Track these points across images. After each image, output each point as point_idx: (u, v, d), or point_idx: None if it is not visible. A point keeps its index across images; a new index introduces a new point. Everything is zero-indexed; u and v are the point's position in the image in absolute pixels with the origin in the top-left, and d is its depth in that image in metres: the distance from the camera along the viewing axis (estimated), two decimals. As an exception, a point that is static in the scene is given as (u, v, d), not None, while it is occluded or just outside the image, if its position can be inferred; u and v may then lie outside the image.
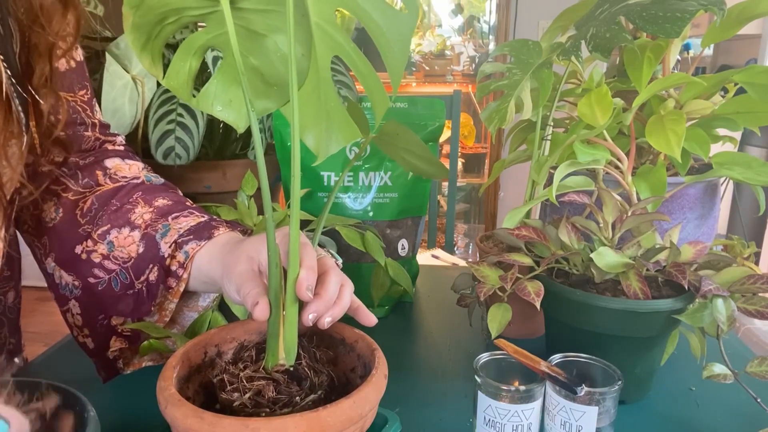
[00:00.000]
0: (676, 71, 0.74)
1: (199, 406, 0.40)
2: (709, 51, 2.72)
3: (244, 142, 0.95)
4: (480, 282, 0.63)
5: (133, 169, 0.66)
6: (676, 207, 0.72)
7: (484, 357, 0.53)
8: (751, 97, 0.65)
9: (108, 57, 0.82)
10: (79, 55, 0.65)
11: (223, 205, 0.78)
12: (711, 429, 0.59)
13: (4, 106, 0.49)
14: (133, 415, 0.60)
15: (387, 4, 0.42)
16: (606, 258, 0.59)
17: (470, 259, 2.46)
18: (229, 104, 0.48)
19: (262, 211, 0.80)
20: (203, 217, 0.63)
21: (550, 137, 0.79)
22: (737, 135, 0.78)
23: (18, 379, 0.39)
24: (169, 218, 0.61)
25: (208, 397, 0.48)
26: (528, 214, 0.71)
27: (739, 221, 2.36)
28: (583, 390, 0.48)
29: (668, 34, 0.57)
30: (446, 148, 2.83)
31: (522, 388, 0.49)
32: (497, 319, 0.61)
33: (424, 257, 1.45)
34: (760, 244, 2.34)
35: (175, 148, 0.87)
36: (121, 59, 0.84)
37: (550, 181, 0.66)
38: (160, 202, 0.63)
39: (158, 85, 0.86)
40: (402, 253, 0.88)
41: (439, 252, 1.51)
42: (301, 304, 0.46)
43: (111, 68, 0.82)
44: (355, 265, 0.83)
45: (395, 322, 0.84)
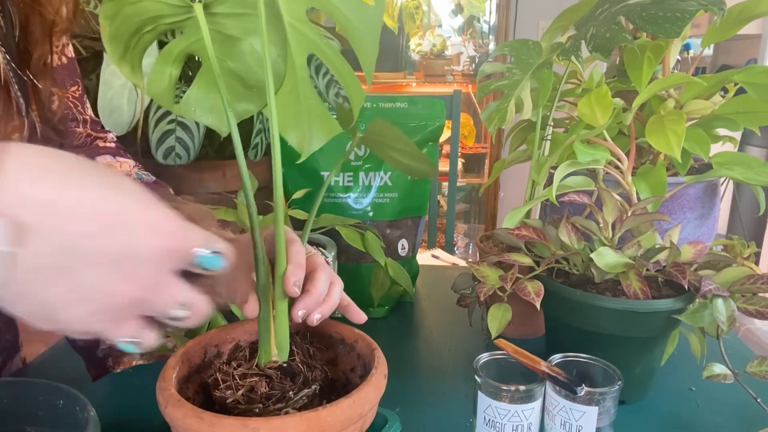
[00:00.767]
0: (676, 71, 0.74)
1: (198, 406, 0.40)
2: (709, 51, 2.72)
3: (244, 142, 0.95)
4: (480, 282, 0.63)
5: (124, 167, 0.66)
6: (676, 207, 0.72)
7: (484, 357, 0.53)
8: (751, 97, 0.65)
9: (105, 57, 0.82)
10: (70, 52, 0.65)
11: (220, 207, 0.78)
12: (711, 429, 0.59)
13: (2, 91, 0.49)
14: (133, 414, 0.60)
15: (356, 0, 0.44)
16: (606, 258, 0.59)
17: (470, 259, 2.46)
18: (211, 109, 0.49)
19: (262, 211, 0.80)
20: None
21: (550, 137, 0.79)
22: (737, 135, 0.78)
23: (18, 380, 0.39)
24: None
25: (208, 398, 0.48)
26: (528, 214, 0.71)
27: (739, 221, 2.37)
28: (583, 390, 0.48)
29: (668, 34, 0.58)
30: (446, 148, 2.83)
31: (522, 388, 0.49)
32: (497, 319, 0.61)
33: (424, 257, 1.45)
34: (760, 244, 2.34)
35: (176, 147, 0.87)
36: (121, 59, 0.84)
37: (550, 181, 0.66)
38: None
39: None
40: (402, 253, 0.88)
41: (439, 252, 1.51)
42: (292, 301, 0.46)
43: (109, 68, 0.82)
44: (355, 265, 0.83)
45: (395, 322, 0.84)
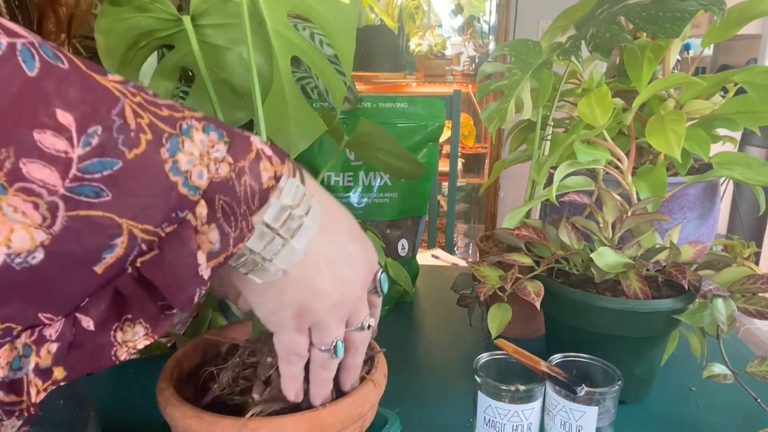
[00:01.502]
0: (676, 71, 0.74)
1: (198, 406, 0.40)
2: (709, 51, 2.72)
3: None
4: (480, 282, 0.63)
5: None
6: (676, 207, 0.72)
7: (484, 357, 0.53)
8: (751, 97, 0.65)
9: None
10: (68, 51, 0.65)
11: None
12: (711, 429, 0.59)
13: None
14: (133, 414, 0.60)
15: None
16: (606, 258, 0.59)
17: (470, 259, 2.46)
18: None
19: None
20: None
21: (550, 137, 0.79)
22: (737, 135, 0.78)
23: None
24: None
25: (208, 397, 0.48)
26: (528, 214, 0.71)
27: (739, 221, 2.37)
28: (583, 390, 0.48)
29: (668, 34, 0.58)
30: (446, 148, 2.83)
31: (522, 388, 0.49)
32: (497, 319, 0.61)
33: (424, 257, 1.45)
34: (760, 244, 2.34)
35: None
36: (121, 59, 0.84)
37: (550, 181, 0.66)
38: None
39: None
40: (402, 253, 0.88)
41: (439, 252, 1.51)
42: None
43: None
44: (355, 265, 0.83)
45: (395, 322, 0.84)
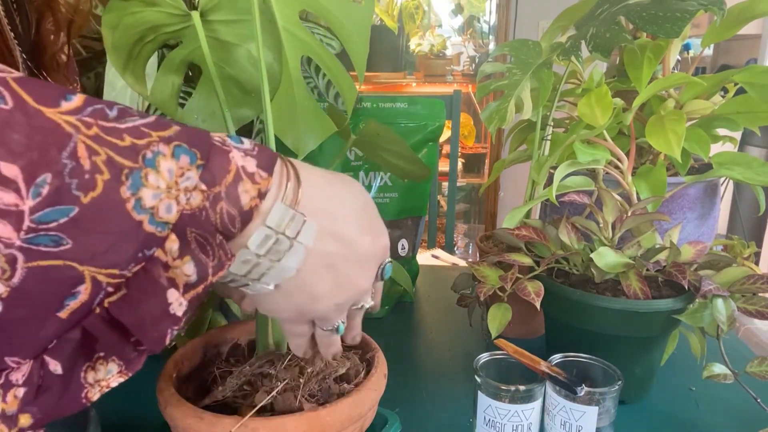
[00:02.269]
0: (676, 71, 0.74)
1: (198, 406, 0.40)
2: (709, 51, 2.72)
3: (244, 142, 0.95)
4: (480, 282, 0.63)
5: None
6: (676, 207, 0.72)
7: (484, 357, 0.53)
8: (751, 97, 0.65)
9: (109, 57, 0.82)
10: (69, 50, 0.65)
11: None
12: (711, 429, 0.59)
13: None
14: (133, 414, 0.60)
15: (345, 0, 0.44)
16: (606, 258, 0.59)
17: (470, 259, 2.46)
18: (212, 115, 0.50)
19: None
20: None
21: (550, 137, 0.79)
22: (737, 135, 0.78)
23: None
24: None
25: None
26: (528, 214, 0.71)
27: (739, 221, 2.36)
28: (583, 390, 0.48)
29: (668, 34, 0.57)
30: (446, 148, 2.83)
31: (522, 388, 0.49)
32: (497, 319, 0.61)
33: (424, 257, 1.45)
34: (760, 244, 2.34)
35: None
36: (121, 59, 0.84)
37: (550, 181, 0.66)
38: None
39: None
40: (402, 253, 0.88)
41: (439, 252, 1.51)
42: None
43: (113, 69, 0.82)
44: (355, 265, 0.83)
45: (395, 322, 0.84)
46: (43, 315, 0.26)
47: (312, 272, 0.35)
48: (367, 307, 0.41)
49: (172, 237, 0.28)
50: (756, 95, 0.64)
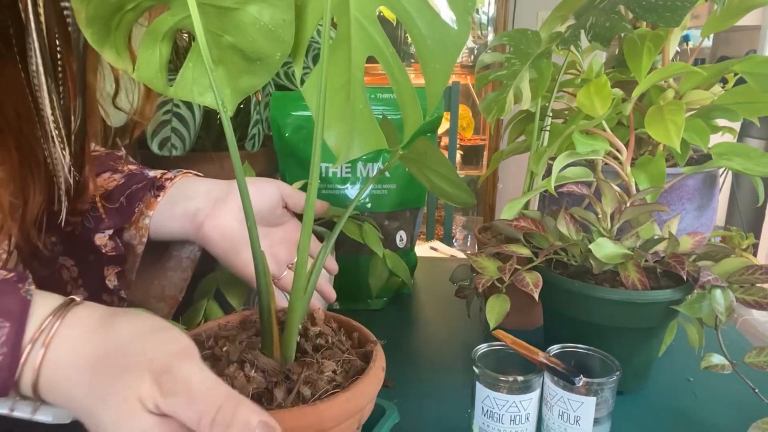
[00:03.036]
0: (676, 62, 0.74)
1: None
2: (709, 42, 2.71)
3: (241, 133, 0.94)
4: (478, 273, 0.62)
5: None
6: (675, 198, 0.72)
7: (483, 348, 0.53)
8: (751, 88, 0.65)
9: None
10: None
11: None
12: (709, 419, 0.59)
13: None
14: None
15: (436, 15, 0.38)
16: (604, 249, 0.59)
17: (468, 251, 2.47)
18: (210, 87, 0.44)
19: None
20: None
21: (548, 128, 0.78)
22: (736, 126, 0.78)
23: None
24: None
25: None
26: (526, 205, 0.71)
27: (738, 212, 2.37)
28: (581, 380, 0.48)
29: (668, 23, 0.57)
30: (444, 140, 2.82)
31: (520, 378, 0.49)
32: (495, 310, 0.61)
33: (422, 249, 1.45)
34: (758, 235, 2.35)
35: (171, 138, 0.87)
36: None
37: (548, 172, 0.66)
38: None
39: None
40: (400, 244, 0.88)
41: (437, 244, 1.50)
42: (292, 304, 0.45)
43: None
44: (353, 257, 0.83)
45: (393, 314, 0.84)
46: None
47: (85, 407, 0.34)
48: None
49: None
50: (756, 85, 0.64)
